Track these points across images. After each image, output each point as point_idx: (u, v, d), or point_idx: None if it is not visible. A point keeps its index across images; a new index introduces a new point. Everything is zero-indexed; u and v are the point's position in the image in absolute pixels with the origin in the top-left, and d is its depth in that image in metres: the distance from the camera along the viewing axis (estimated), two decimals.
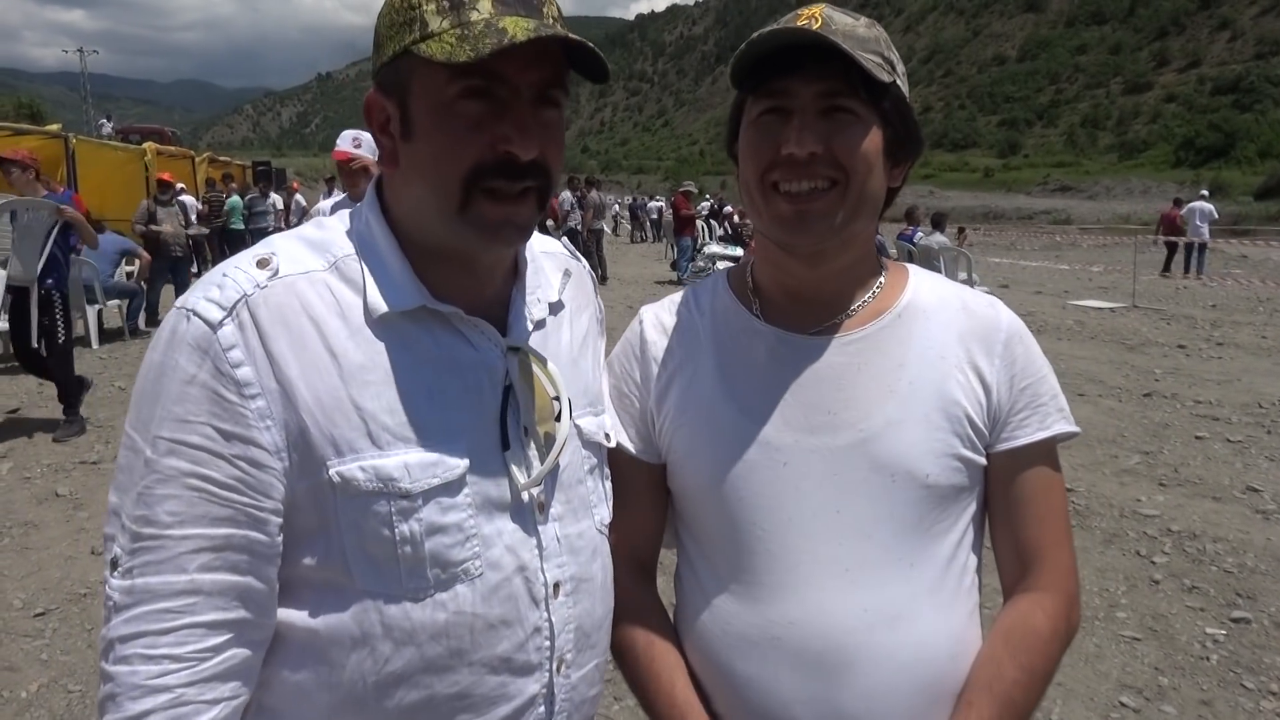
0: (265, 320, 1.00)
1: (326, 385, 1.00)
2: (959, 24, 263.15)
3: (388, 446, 1.02)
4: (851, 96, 1.13)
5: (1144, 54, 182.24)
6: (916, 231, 14.40)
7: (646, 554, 1.38)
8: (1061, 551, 1.24)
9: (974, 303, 1.28)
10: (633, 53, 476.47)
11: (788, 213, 1.17)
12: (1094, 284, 18.80)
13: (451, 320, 1.10)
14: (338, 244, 1.09)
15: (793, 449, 1.20)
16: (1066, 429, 1.25)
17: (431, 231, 1.08)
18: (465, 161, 1.02)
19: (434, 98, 1.02)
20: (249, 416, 0.97)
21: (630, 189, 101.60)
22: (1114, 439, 6.85)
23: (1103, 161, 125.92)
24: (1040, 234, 38.38)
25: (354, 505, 1.01)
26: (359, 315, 1.05)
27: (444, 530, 1.05)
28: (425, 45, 0.99)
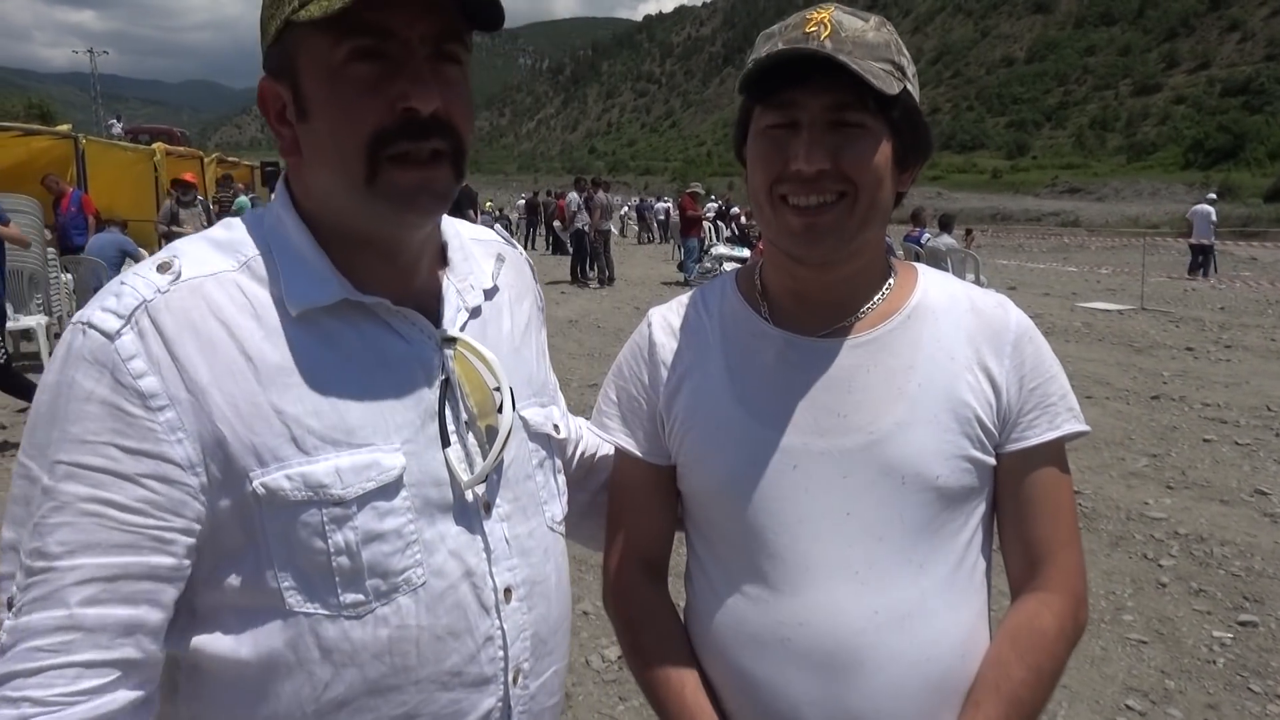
0: (169, 326, 0.92)
1: (243, 391, 0.93)
2: (967, 25, 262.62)
3: (315, 451, 0.95)
4: (860, 109, 1.12)
5: (1153, 55, 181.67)
6: (924, 233, 14.38)
7: (657, 556, 1.38)
8: (1070, 552, 1.24)
9: (983, 303, 1.28)
10: (640, 54, 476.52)
11: (797, 226, 1.16)
12: (1102, 286, 18.73)
13: (378, 312, 1.03)
14: (247, 243, 1.02)
15: (802, 452, 1.20)
16: (1077, 428, 1.25)
17: (345, 215, 1.01)
18: (365, 128, 0.94)
19: (322, 67, 0.95)
20: (157, 430, 0.89)
21: (637, 190, 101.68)
22: (1121, 441, 6.83)
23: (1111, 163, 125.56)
24: (1048, 236, 38.28)
25: (281, 517, 0.94)
26: (275, 314, 0.97)
27: (382, 537, 0.98)
28: (304, 10, 0.92)
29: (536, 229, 33.23)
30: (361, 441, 0.98)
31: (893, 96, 1.11)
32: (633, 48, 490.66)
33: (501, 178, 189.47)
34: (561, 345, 10.73)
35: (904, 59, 1.16)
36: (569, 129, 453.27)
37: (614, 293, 16.78)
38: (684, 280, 18.13)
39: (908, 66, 1.17)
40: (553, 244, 28.19)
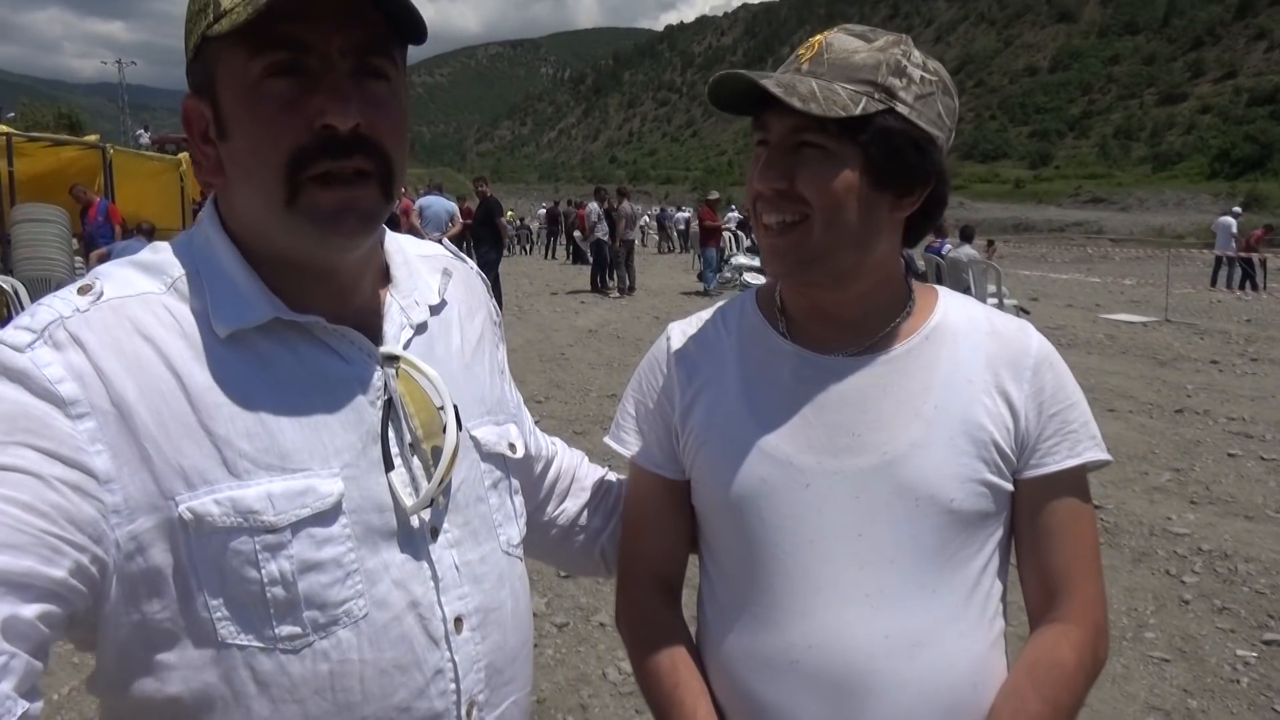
0: (90, 340, 0.87)
1: (172, 409, 0.88)
2: (990, 34, 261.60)
3: (246, 475, 0.90)
4: (819, 131, 1.11)
5: (1179, 64, 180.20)
6: (944, 244, 14.30)
7: (671, 574, 1.37)
8: (1090, 582, 1.22)
9: (1003, 326, 1.27)
10: (662, 63, 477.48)
11: (764, 244, 1.20)
12: (1126, 297, 18.58)
13: (314, 331, 0.99)
14: (174, 264, 0.97)
15: (815, 470, 1.19)
16: (1098, 456, 1.22)
17: (270, 236, 0.97)
18: (283, 147, 0.90)
19: (239, 83, 0.91)
20: (77, 438, 0.83)
21: (658, 199, 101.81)
22: (1144, 456, 6.76)
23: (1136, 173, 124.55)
24: (1072, 246, 37.99)
25: (210, 544, 0.88)
26: (204, 335, 0.93)
27: (319, 567, 0.92)
28: (218, 25, 0.88)
29: (557, 238, 33.37)
30: (297, 466, 0.93)
31: (854, 119, 1.10)
32: (654, 57, 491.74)
33: (523, 187, 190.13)
34: (581, 355, 10.77)
35: (898, 80, 1.13)
36: (590, 138, 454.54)
37: (633, 302, 16.80)
38: (704, 290, 18.12)
39: (902, 89, 1.13)
40: (573, 253, 28.29)
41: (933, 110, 1.16)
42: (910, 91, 1.14)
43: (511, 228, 33.20)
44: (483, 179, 16.16)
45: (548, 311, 15.49)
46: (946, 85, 1.19)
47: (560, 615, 4.20)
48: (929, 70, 1.17)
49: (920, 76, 1.15)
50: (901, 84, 1.13)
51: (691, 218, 30.86)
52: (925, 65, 1.17)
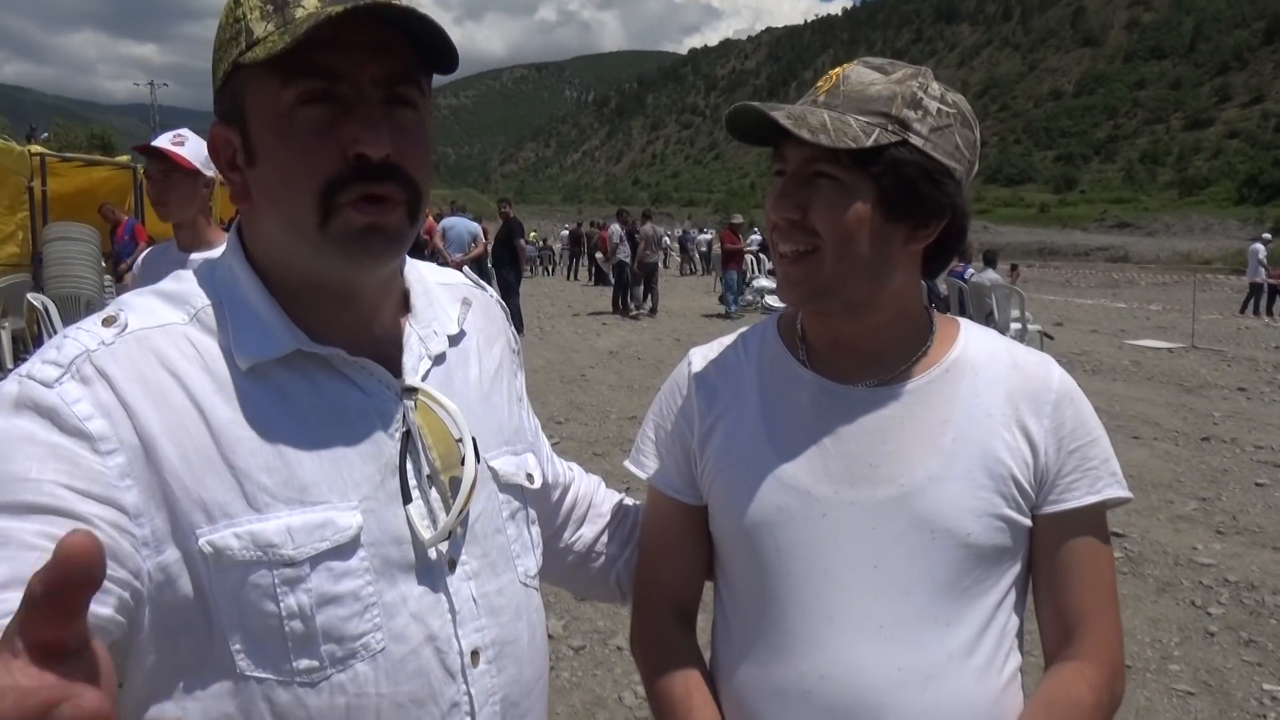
0: (116, 374, 0.87)
1: (195, 443, 0.89)
2: (1014, 59, 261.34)
3: (266, 509, 0.90)
4: (833, 162, 1.11)
5: (1205, 89, 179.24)
6: (968, 268, 14.24)
7: (687, 599, 1.37)
8: (1107, 620, 1.21)
9: (1024, 360, 1.26)
10: (685, 86, 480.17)
11: (779, 272, 1.20)
12: (1152, 323, 18.41)
13: (334, 363, 0.99)
14: (197, 294, 0.98)
15: (832, 500, 1.18)
16: (1118, 494, 1.21)
17: (297, 260, 0.98)
18: (317, 175, 0.91)
19: (271, 110, 0.92)
20: (108, 474, 0.84)
21: (680, 220, 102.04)
22: (1170, 484, 6.68)
23: (1162, 198, 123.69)
24: (1097, 271, 37.72)
25: (230, 577, 0.88)
26: (225, 367, 0.93)
27: (338, 600, 0.92)
28: (251, 53, 0.90)
29: (580, 259, 33.52)
30: (316, 499, 0.93)
31: (865, 151, 1.10)
32: (678, 80, 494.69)
33: (546, 208, 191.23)
34: (601, 377, 10.79)
35: (913, 112, 1.13)
36: (613, 160, 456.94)
37: (655, 324, 16.82)
38: (725, 313, 18.13)
39: (916, 121, 1.13)
40: (595, 275, 28.39)
41: (950, 142, 1.15)
42: (925, 124, 1.13)
43: (534, 248, 33.42)
44: (506, 200, 16.28)
45: (569, 333, 15.55)
46: (966, 117, 1.18)
47: (577, 638, 4.20)
48: (947, 102, 1.16)
49: (937, 109, 1.15)
50: (916, 116, 1.13)
51: (714, 240, 30.89)
52: (943, 97, 1.16)
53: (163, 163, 3.23)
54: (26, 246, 10.94)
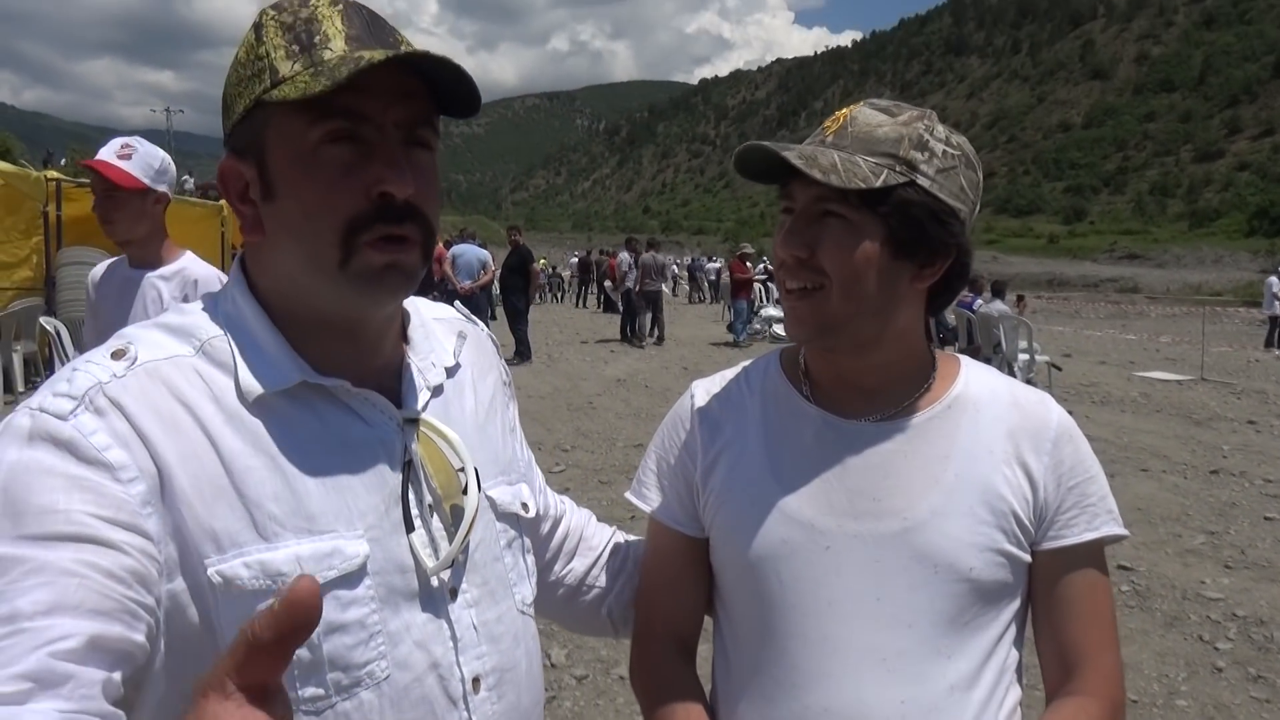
0: (130, 405, 0.88)
1: (207, 472, 0.89)
2: (1023, 90, 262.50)
3: (275, 538, 0.91)
4: (841, 201, 1.13)
5: (1215, 122, 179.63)
6: (976, 299, 14.25)
7: (687, 631, 1.37)
8: (1107, 656, 1.22)
9: (1025, 398, 1.27)
10: (695, 116, 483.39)
11: (786, 308, 1.22)
12: (1161, 355, 18.34)
13: (338, 395, 1.01)
14: (202, 327, 0.98)
15: (836, 533, 1.19)
16: (1115, 531, 1.23)
17: (311, 295, 0.99)
18: (341, 212, 0.94)
19: (295, 147, 0.94)
20: (131, 502, 0.84)
21: (690, 249, 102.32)
22: (1178, 517, 6.64)
23: (1172, 229, 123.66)
24: (1107, 302, 37.64)
25: (238, 607, 0.89)
26: (234, 399, 0.94)
27: (344, 629, 0.93)
28: (277, 91, 0.92)
29: (588, 287, 33.64)
30: (324, 528, 0.94)
31: (873, 191, 1.12)
32: (688, 110, 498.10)
33: (556, 235, 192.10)
34: (609, 405, 10.80)
35: (921, 154, 1.15)
36: (624, 189, 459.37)
37: (662, 353, 16.84)
38: (733, 342, 18.14)
39: (923, 163, 1.15)
40: (604, 303, 28.48)
41: (955, 184, 1.17)
42: (932, 165, 1.15)
43: (543, 275, 33.57)
44: (516, 228, 16.37)
45: (577, 360, 15.57)
46: (970, 159, 1.20)
47: (580, 668, 4.18)
48: (952, 145, 1.18)
49: (943, 150, 1.17)
50: (923, 157, 1.15)
51: (722, 269, 30.99)
52: (949, 140, 1.18)
53: (104, 179, 2.99)
54: (40, 270, 11.04)
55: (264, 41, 0.96)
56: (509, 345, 15.04)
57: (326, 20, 0.96)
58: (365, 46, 0.95)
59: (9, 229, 10.91)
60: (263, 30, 0.97)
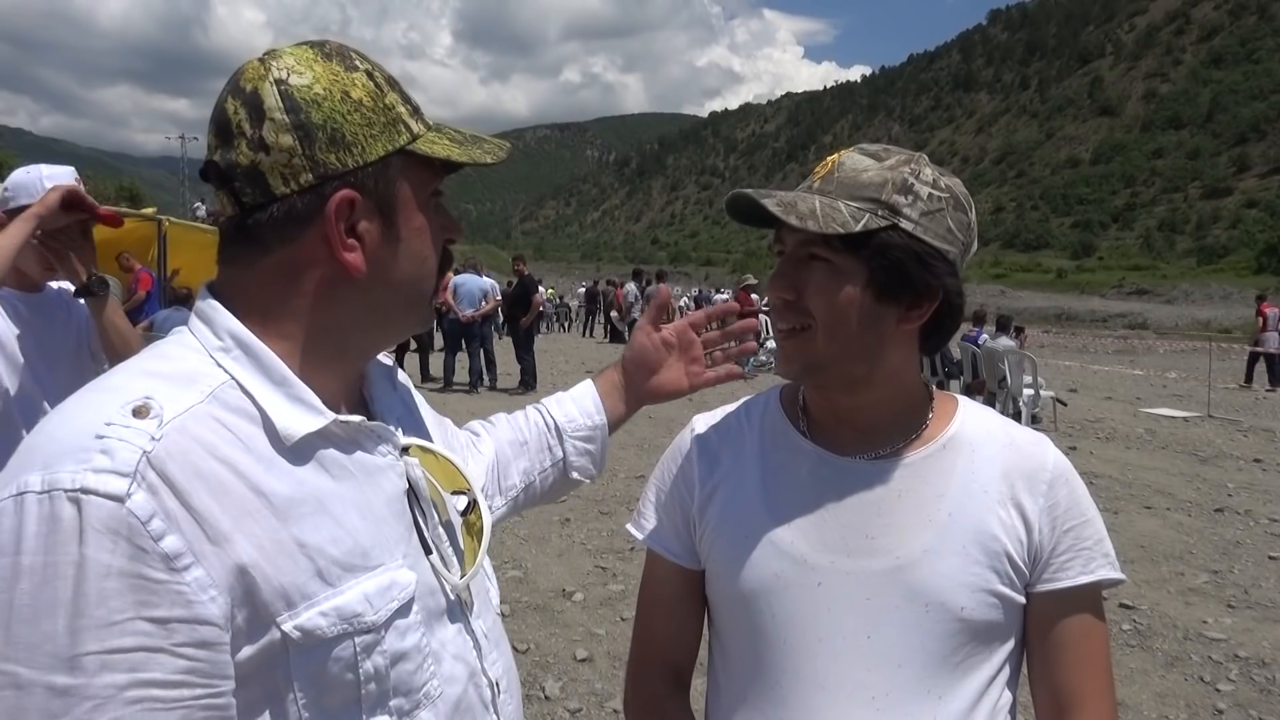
0: (177, 476, 0.83)
1: (265, 530, 0.87)
2: (1031, 126, 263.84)
3: (339, 582, 0.91)
4: (824, 246, 1.15)
5: (1223, 159, 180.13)
6: (980, 333, 14.25)
7: (681, 663, 1.38)
8: (1102, 701, 1.22)
9: (1021, 439, 1.28)
10: (705, 148, 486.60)
11: (778, 347, 1.23)
12: (1168, 391, 18.28)
13: (349, 429, 1.01)
14: (203, 372, 0.94)
15: (828, 570, 1.20)
16: (1111, 575, 1.23)
17: (391, 328, 1.09)
18: (437, 254, 1.08)
19: (421, 196, 1.04)
20: (187, 592, 0.80)
21: (698, 280, 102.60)
22: (1181, 555, 6.59)
23: (1181, 266, 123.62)
24: (1114, 338, 37.55)
25: (314, 657, 0.89)
26: (265, 445, 0.91)
27: (406, 656, 0.96)
28: (425, 144, 1.02)
29: (595, 317, 33.73)
30: (375, 562, 0.95)
31: (853, 235, 1.13)
32: (698, 142, 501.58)
33: (565, 265, 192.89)
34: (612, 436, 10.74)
35: (905, 198, 1.16)
36: (633, 219, 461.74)
37: None
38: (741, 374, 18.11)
39: (907, 206, 1.16)
40: (610, 333, 28.54)
41: (941, 226, 1.18)
42: (916, 208, 1.16)
43: (550, 305, 33.68)
44: (520, 257, 16.45)
45: None
46: (959, 200, 1.20)
47: (574, 700, 4.16)
48: (940, 187, 1.19)
49: (928, 193, 1.17)
50: (907, 201, 1.16)
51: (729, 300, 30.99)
52: (936, 182, 1.19)
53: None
54: None
55: (385, 94, 1.01)
56: (514, 373, 15.07)
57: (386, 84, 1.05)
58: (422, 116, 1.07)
59: None
60: (374, 78, 1.01)
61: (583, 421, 1.58)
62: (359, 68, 1.00)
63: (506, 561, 5.92)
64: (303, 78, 0.97)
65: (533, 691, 4.22)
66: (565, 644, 4.76)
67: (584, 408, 1.60)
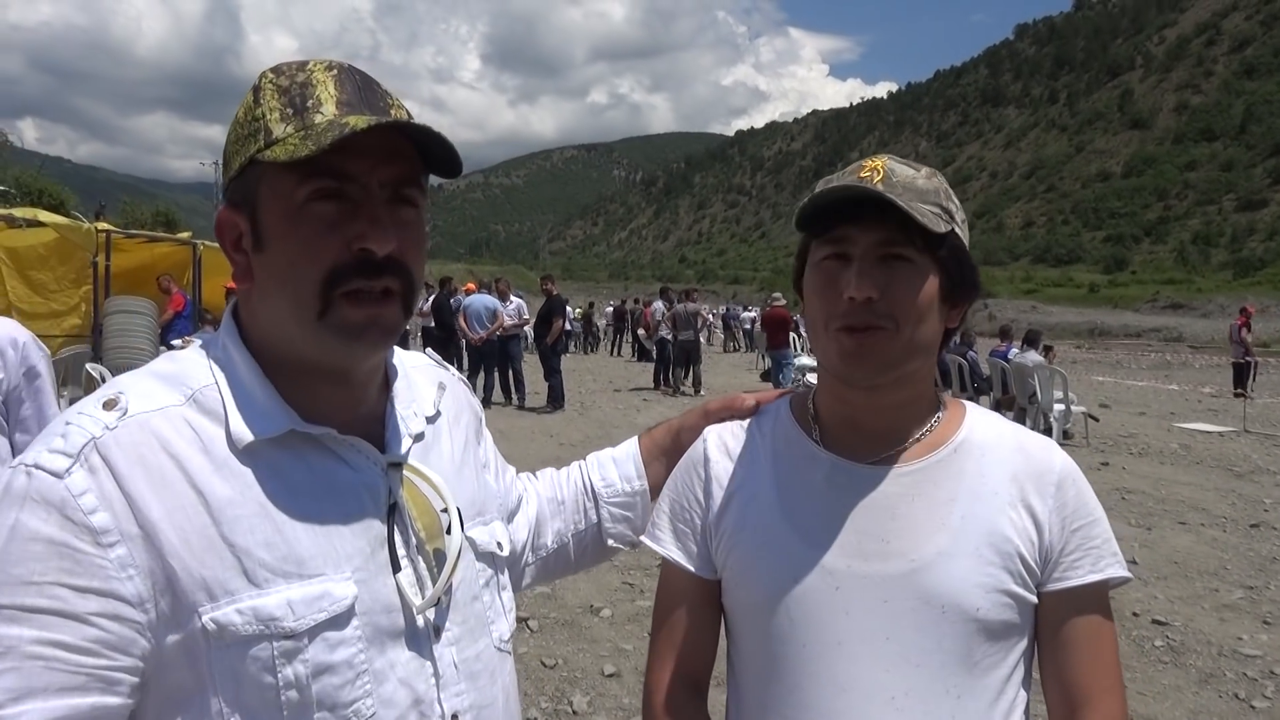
0: (119, 461, 0.92)
1: (195, 525, 0.93)
2: (1061, 140, 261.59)
3: (266, 584, 0.95)
4: (908, 245, 1.18)
5: (1258, 171, 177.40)
6: (1010, 348, 14.15)
7: (699, 674, 1.40)
8: (1112, 699, 1.24)
9: (1029, 443, 1.31)
10: (732, 167, 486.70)
11: (849, 346, 1.21)
12: (1203, 406, 18.02)
13: (325, 442, 1.05)
14: (193, 375, 1.02)
15: (845, 574, 1.22)
16: (1120, 573, 1.26)
17: (294, 344, 1.04)
18: (322, 264, 0.99)
19: (284, 203, 0.99)
20: (108, 567, 0.88)
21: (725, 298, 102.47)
22: (1216, 571, 6.51)
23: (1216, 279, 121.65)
24: (1149, 352, 37.04)
25: (231, 653, 0.93)
26: (223, 447, 0.98)
27: (332, 669, 0.97)
28: (270, 151, 0.98)
29: (623, 335, 33.79)
30: (313, 572, 0.98)
31: (940, 235, 1.19)
32: (725, 161, 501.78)
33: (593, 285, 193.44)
34: None
35: (952, 205, 1.23)
36: (660, 238, 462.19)
37: (695, 401, 16.78)
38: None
39: (956, 212, 1.24)
40: (638, 351, 28.58)
41: (967, 233, 1.27)
42: (959, 215, 1.25)
43: (577, 325, 33.78)
44: (549, 277, 16.57)
45: (609, 408, 15.62)
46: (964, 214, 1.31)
47: (602, 715, 4.18)
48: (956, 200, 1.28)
49: (959, 203, 1.26)
50: (955, 208, 1.24)
51: (757, 318, 30.97)
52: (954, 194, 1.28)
53: None
54: (88, 319, 11.37)
55: (261, 104, 1.02)
56: (541, 392, 15.14)
57: (321, 85, 1.02)
58: (354, 111, 1.00)
59: (60, 278, 11.28)
60: (260, 93, 1.02)
61: (621, 487, 1.55)
62: (256, 85, 1.04)
63: None
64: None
65: (561, 706, 4.25)
66: (593, 659, 4.79)
67: (625, 472, 1.56)
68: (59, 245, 11.08)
